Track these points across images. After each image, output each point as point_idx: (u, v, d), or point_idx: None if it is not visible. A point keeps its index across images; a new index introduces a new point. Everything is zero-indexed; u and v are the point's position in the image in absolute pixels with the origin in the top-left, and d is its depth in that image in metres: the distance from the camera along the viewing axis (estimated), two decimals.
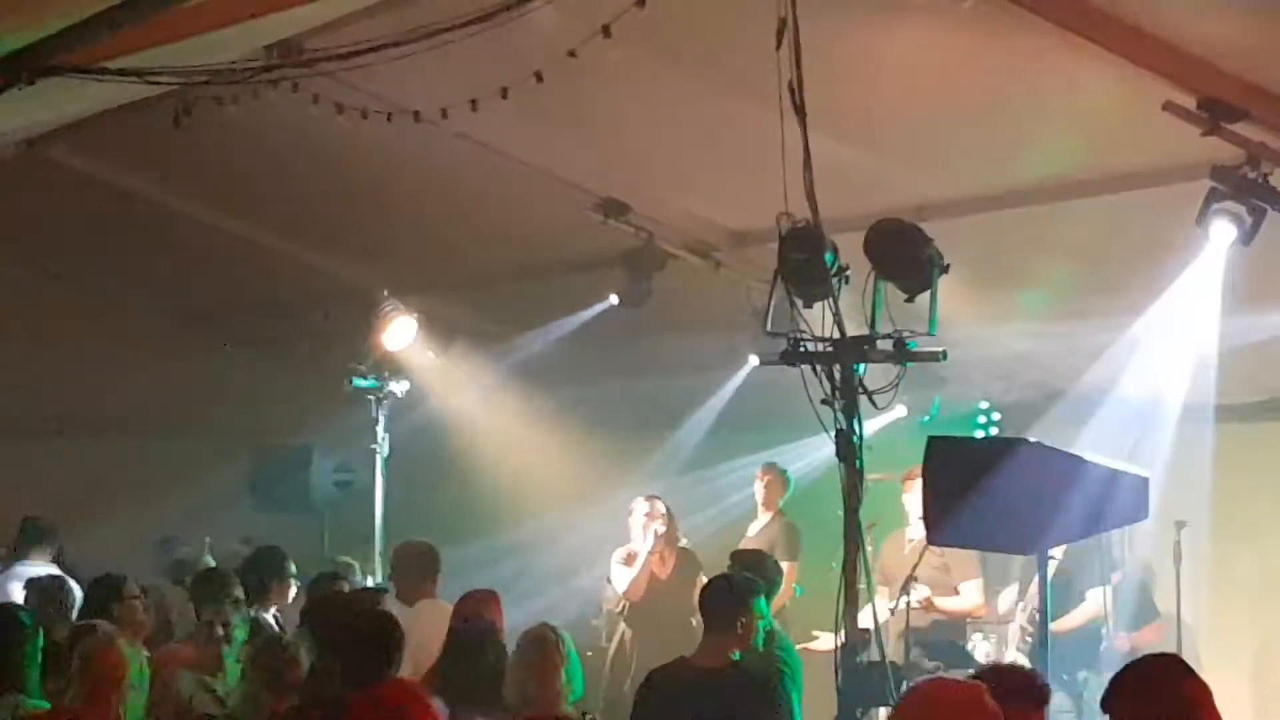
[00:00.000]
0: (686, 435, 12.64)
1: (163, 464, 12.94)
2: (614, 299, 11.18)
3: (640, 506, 11.23)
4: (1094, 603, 10.27)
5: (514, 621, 7.97)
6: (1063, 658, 9.42)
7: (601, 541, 11.67)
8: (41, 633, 7.01)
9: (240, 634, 8.01)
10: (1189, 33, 6.88)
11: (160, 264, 12.43)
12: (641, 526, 11.15)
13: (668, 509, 11.22)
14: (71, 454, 13.00)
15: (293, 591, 9.08)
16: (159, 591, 9.43)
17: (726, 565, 8.78)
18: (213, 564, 10.30)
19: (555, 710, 6.88)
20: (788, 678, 7.62)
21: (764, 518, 11.53)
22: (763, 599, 7.52)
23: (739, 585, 7.56)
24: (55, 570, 9.73)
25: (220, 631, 7.93)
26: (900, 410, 11.18)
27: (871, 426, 10.80)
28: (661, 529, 11.09)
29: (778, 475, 11.59)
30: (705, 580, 8.35)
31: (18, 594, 9.02)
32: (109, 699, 6.57)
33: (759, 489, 11.57)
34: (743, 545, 10.77)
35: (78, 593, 8.81)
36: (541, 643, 7.14)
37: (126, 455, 13.18)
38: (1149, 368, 10.30)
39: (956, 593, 10.60)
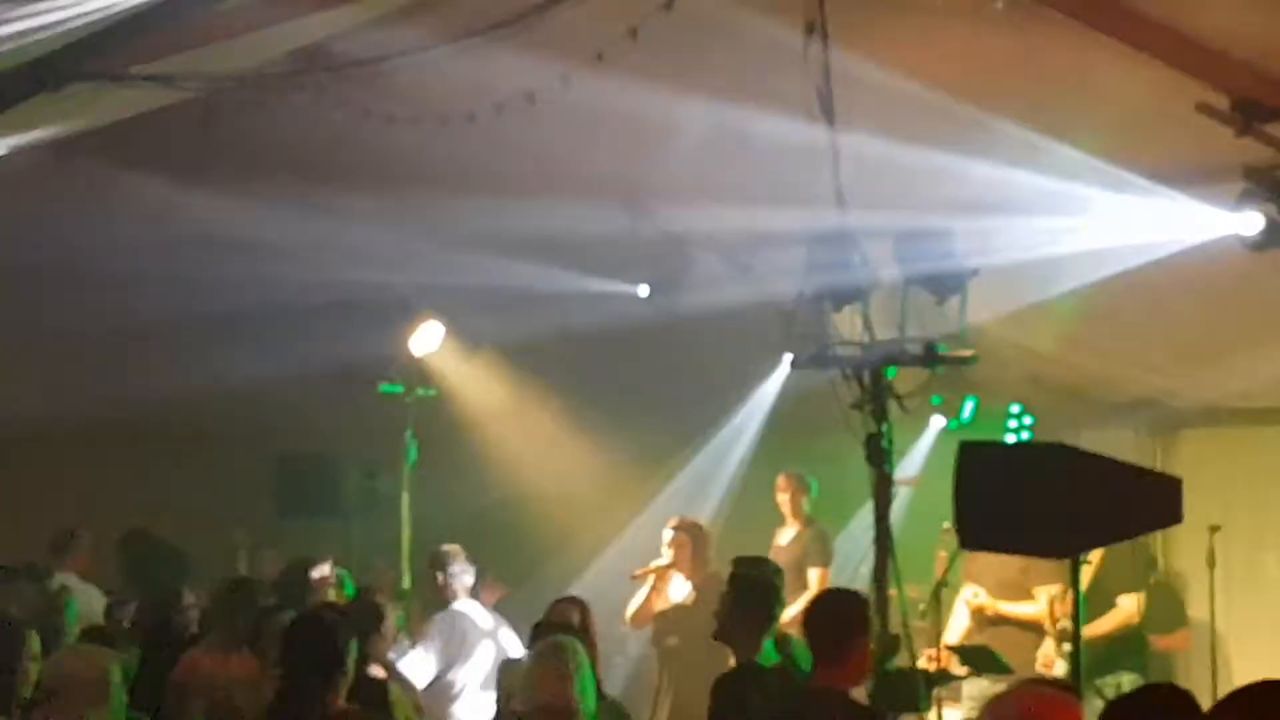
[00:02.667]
0: (720, 442, 12.56)
1: (188, 471, 12.92)
2: (644, 290, 11.07)
3: (665, 533, 10.83)
4: (1124, 609, 10.17)
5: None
6: (1101, 662, 9.38)
7: (630, 548, 11.60)
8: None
9: None
10: (1222, 32, 6.83)
11: (182, 268, 12.41)
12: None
13: (690, 535, 10.65)
14: (103, 460, 13.00)
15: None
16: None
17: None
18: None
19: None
20: None
21: (793, 527, 11.43)
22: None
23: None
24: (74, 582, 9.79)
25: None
26: (938, 422, 11.17)
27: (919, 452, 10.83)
28: (663, 562, 10.65)
29: (799, 483, 11.49)
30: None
31: None
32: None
33: (783, 500, 11.45)
34: (773, 555, 10.62)
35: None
36: (556, 650, 7.09)
37: (152, 461, 13.19)
38: (1183, 368, 10.24)
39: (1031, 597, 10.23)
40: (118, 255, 12.17)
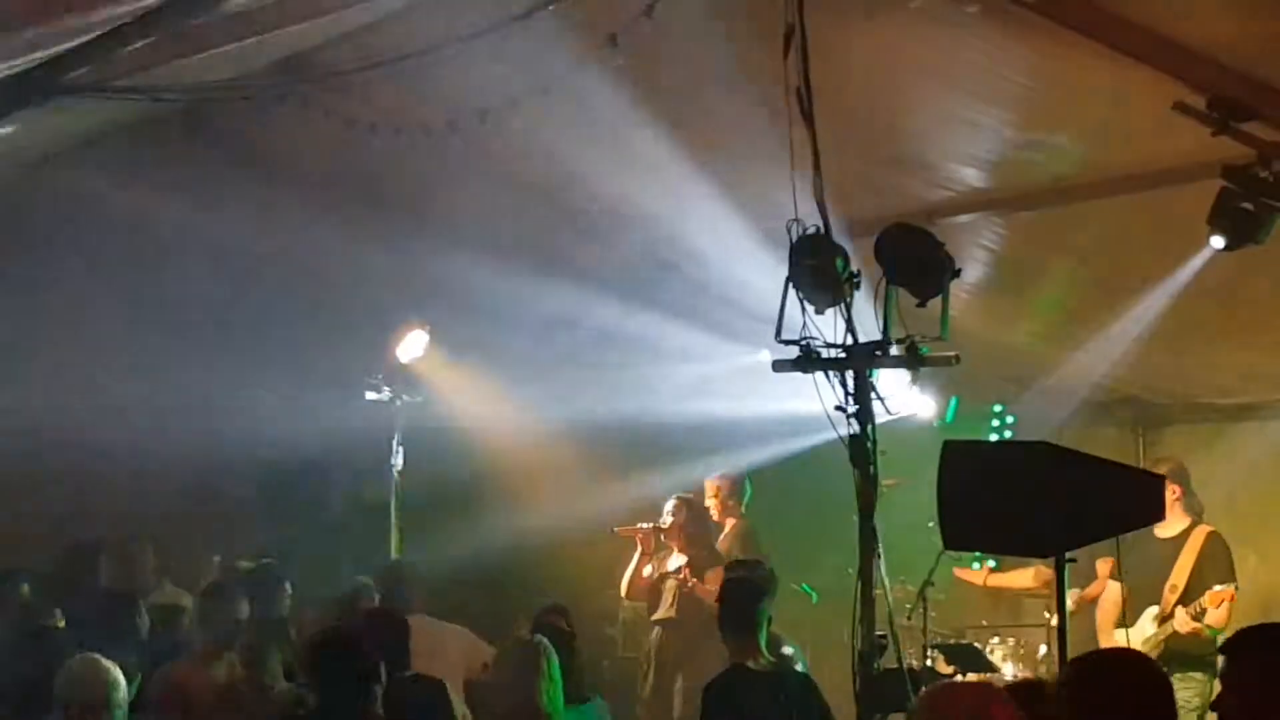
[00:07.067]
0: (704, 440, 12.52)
1: (174, 481, 12.86)
2: (618, 305, 11.11)
3: (666, 505, 11.10)
4: None
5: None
6: None
7: (615, 552, 11.59)
8: None
9: None
10: (1197, 32, 6.87)
11: (170, 280, 12.40)
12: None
13: (686, 508, 10.97)
14: (93, 476, 12.90)
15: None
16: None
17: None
18: None
19: None
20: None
21: (726, 525, 11.43)
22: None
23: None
24: None
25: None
26: (928, 406, 11.19)
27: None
28: (649, 525, 10.96)
29: (731, 482, 11.51)
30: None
31: None
32: None
33: (711, 503, 11.42)
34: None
35: None
36: (529, 653, 7.06)
37: (143, 474, 13.12)
38: (1161, 368, 10.29)
39: None
40: (100, 266, 12.17)
